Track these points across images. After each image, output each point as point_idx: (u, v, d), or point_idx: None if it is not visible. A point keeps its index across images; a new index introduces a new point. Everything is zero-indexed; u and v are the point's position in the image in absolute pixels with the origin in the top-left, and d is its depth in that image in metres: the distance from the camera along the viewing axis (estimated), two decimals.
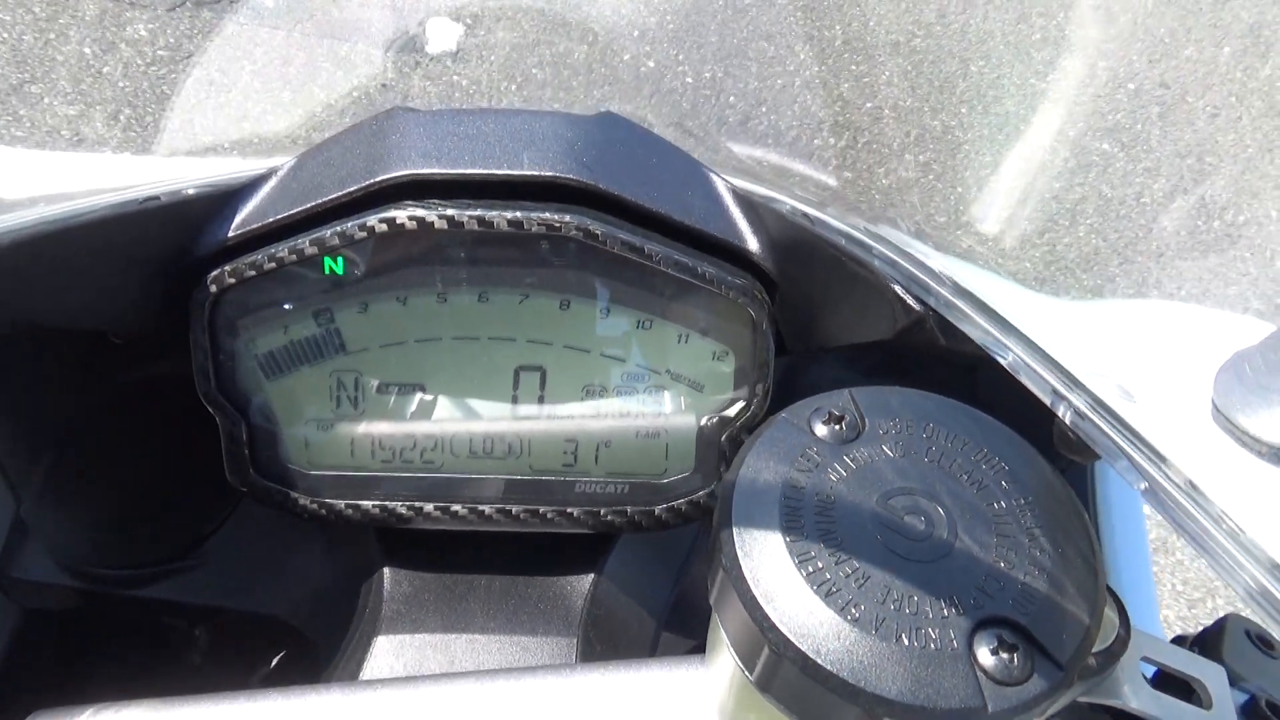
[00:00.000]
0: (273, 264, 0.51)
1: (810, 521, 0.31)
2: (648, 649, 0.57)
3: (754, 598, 0.29)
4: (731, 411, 0.54)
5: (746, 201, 0.53)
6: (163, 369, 0.62)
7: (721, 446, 0.54)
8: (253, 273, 0.51)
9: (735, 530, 0.31)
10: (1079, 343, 0.35)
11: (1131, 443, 0.31)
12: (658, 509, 0.55)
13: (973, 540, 0.30)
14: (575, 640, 0.54)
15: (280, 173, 0.54)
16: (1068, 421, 0.33)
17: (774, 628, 0.29)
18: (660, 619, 0.59)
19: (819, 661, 0.28)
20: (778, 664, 0.29)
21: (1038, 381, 0.34)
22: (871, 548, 0.30)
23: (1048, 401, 0.34)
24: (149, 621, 0.73)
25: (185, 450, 0.62)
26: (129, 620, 0.73)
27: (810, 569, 0.30)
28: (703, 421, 0.54)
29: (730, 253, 0.53)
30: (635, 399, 0.54)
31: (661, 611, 0.59)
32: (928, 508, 0.31)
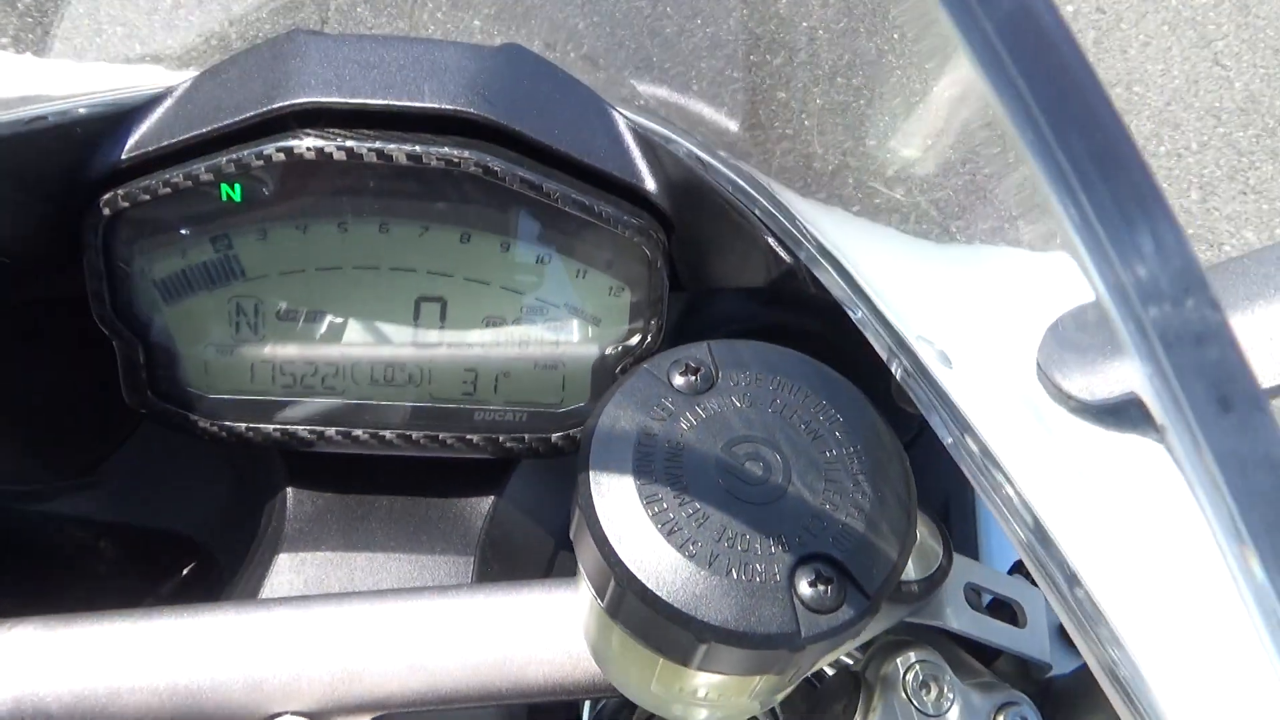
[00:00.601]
0: (168, 189, 0.51)
1: (660, 467, 0.33)
2: (544, 569, 0.60)
3: (604, 535, 0.32)
4: (628, 345, 0.56)
5: (646, 141, 0.54)
6: (58, 289, 0.61)
7: (617, 378, 0.56)
8: (147, 197, 0.51)
9: (592, 473, 0.34)
10: (917, 303, 0.38)
11: (940, 404, 0.34)
12: (554, 436, 0.57)
13: (804, 485, 0.33)
14: (472, 560, 0.56)
15: (176, 94, 0.53)
16: (899, 377, 0.36)
17: (620, 563, 0.32)
18: (558, 540, 0.62)
19: (657, 593, 0.31)
20: (623, 595, 0.32)
21: (878, 339, 0.37)
22: (713, 491, 0.33)
23: (884, 358, 0.37)
24: (51, 536, 0.73)
25: (85, 370, 0.62)
26: (30, 535, 0.74)
27: (656, 509, 0.32)
28: (600, 354, 0.56)
29: (628, 192, 0.54)
30: (534, 331, 0.56)
31: (558, 532, 0.62)
32: (767, 455, 0.34)
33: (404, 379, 0.56)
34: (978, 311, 0.39)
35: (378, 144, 0.50)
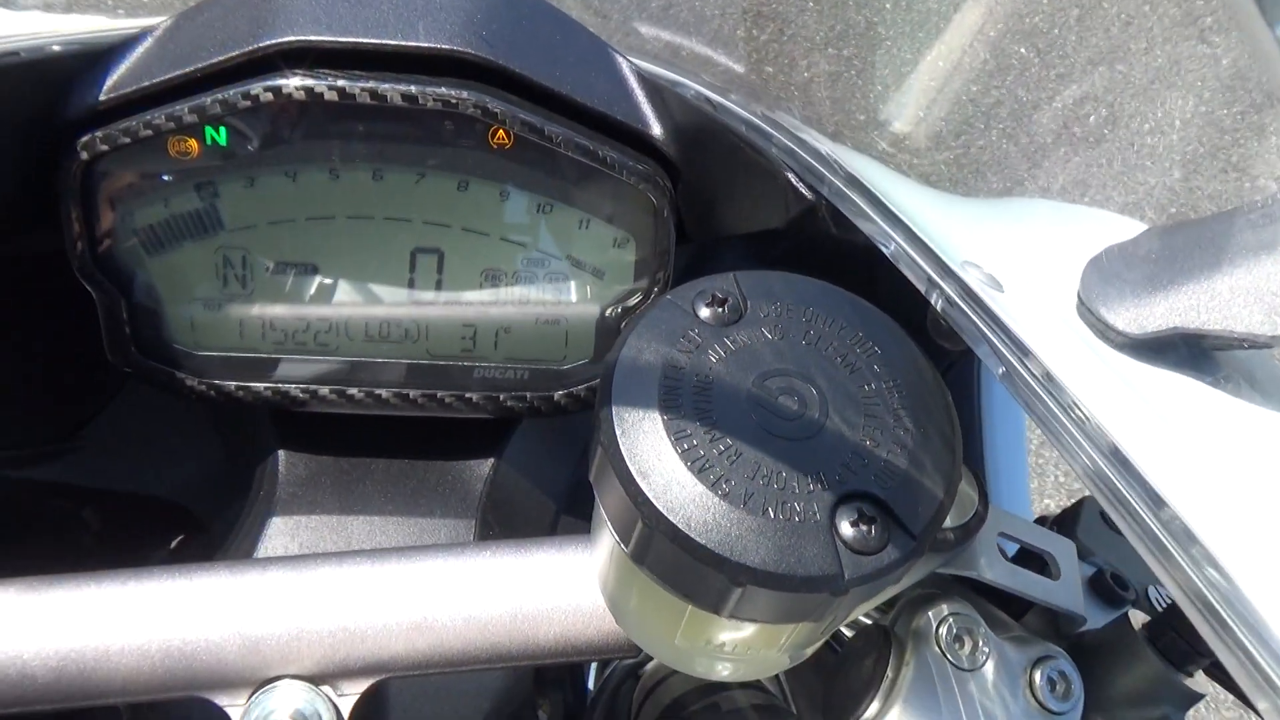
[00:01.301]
0: (149, 131, 0.48)
1: (688, 401, 0.31)
2: (546, 531, 0.58)
3: (630, 474, 0.30)
4: (632, 300, 0.54)
5: (651, 85, 0.52)
6: (35, 243, 0.58)
7: (621, 333, 0.54)
8: (127, 140, 0.48)
9: (615, 409, 0.31)
10: (958, 234, 0.36)
11: (993, 330, 0.32)
12: (557, 395, 0.55)
13: (842, 420, 0.31)
14: (473, 522, 0.54)
15: (156, 33, 0.51)
16: (939, 309, 0.34)
17: (648, 502, 0.30)
18: (559, 502, 0.60)
19: (689, 533, 0.29)
20: (651, 537, 0.30)
21: (915, 270, 0.35)
22: (745, 426, 0.31)
23: (922, 289, 0.35)
24: (35, 504, 0.71)
25: (65, 328, 0.60)
26: (10, 503, 0.71)
27: (685, 446, 0.30)
28: (603, 309, 0.54)
29: (633, 137, 0.52)
30: (535, 285, 0.54)
31: (561, 495, 0.60)
32: (801, 388, 0.32)
33: (400, 335, 0.54)
34: (1019, 239, 0.37)
35: (371, 84, 0.47)
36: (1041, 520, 0.47)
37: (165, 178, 0.50)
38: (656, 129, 0.52)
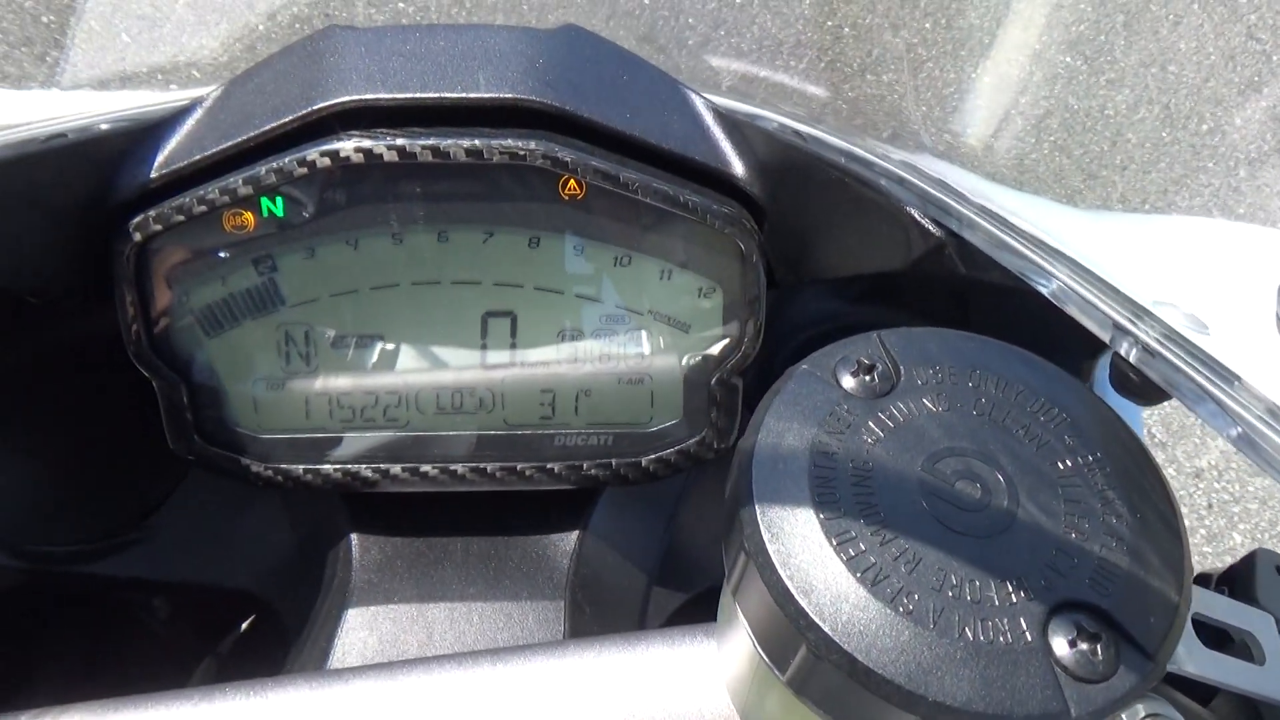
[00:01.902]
0: (203, 207, 0.45)
1: (846, 494, 0.26)
2: (638, 609, 0.54)
3: (786, 589, 0.25)
4: (721, 352, 0.50)
5: (729, 121, 0.48)
6: (92, 328, 0.56)
7: (711, 390, 0.50)
8: (181, 217, 0.45)
9: (758, 507, 0.26)
10: (1133, 265, 0.31)
11: (1216, 383, 0.27)
12: (644, 460, 0.51)
13: (1037, 508, 0.26)
14: (563, 604, 0.50)
15: (206, 103, 0.48)
16: (1132, 359, 0.29)
17: (813, 625, 0.25)
18: (651, 575, 0.56)
19: (868, 665, 0.24)
20: (815, 666, 0.25)
21: (1092, 313, 0.30)
22: (920, 523, 0.26)
23: (1105, 336, 0.30)
24: (101, 598, 0.68)
25: (125, 416, 0.57)
26: (79, 598, 0.69)
27: (851, 552, 0.25)
28: (690, 364, 0.50)
29: (714, 178, 0.48)
30: (615, 342, 0.50)
31: (651, 567, 0.56)
32: (982, 471, 0.27)
33: (474, 405, 0.51)
34: (1193, 266, 0.32)
35: (432, 140, 0.44)
36: (1203, 579, 0.41)
37: (222, 254, 0.47)
38: (739, 167, 0.48)
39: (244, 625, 0.71)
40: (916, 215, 0.40)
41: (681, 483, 0.59)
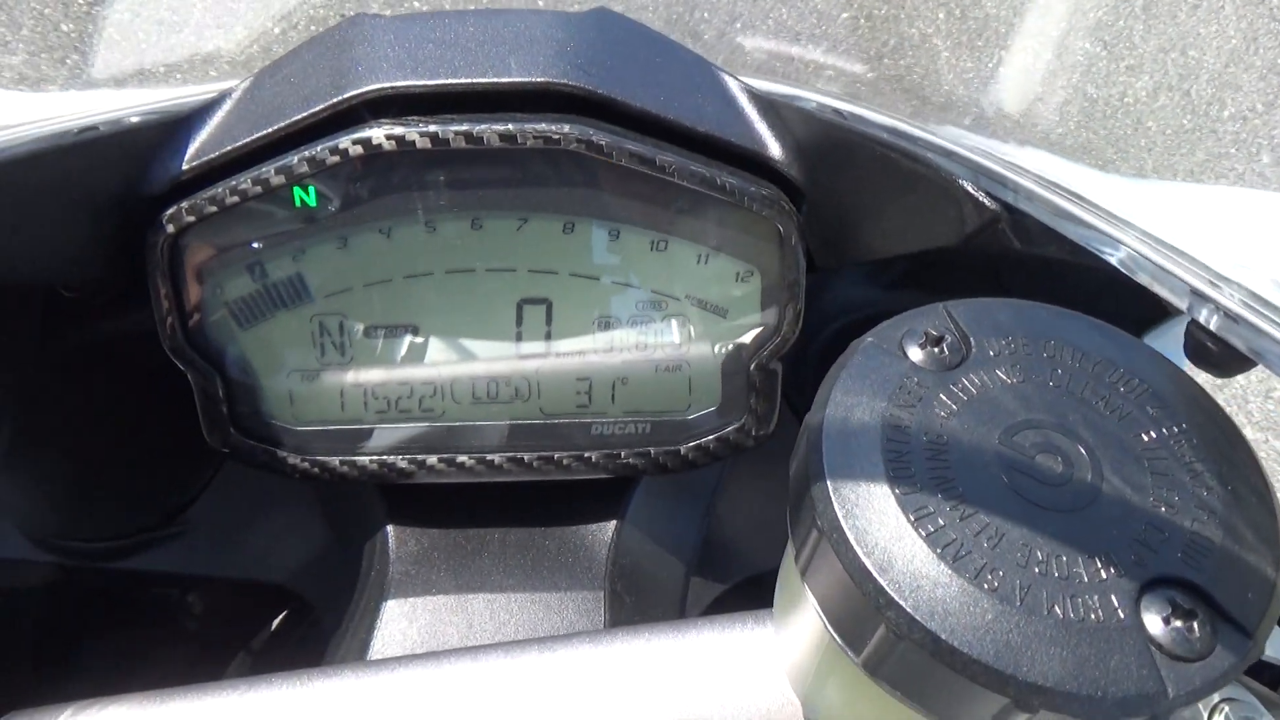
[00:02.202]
0: (235, 198, 0.45)
1: (921, 468, 0.25)
2: (678, 598, 0.53)
3: (864, 566, 0.24)
4: (759, 337, 0.49)
5: (765, 102, 0.48)
6: (125, 322, 0.56)
7: (750, 376, 0.49)
8: (213, 209, 0.45)
9: (830, 483, 0.25)
10: (1202, 230, 0.30)
11: None
12: (683, 448, 0.50)
13: (1123, 481, 0.25)
14: (602, 594, 0.49)
15: (235, 94, 0.48)
16: (1213, 326, 0.28)
17: (892, 603, 0.24)
18: (689, 565, 0.55)
19: (953, 643, 0.23)
20: (894, 646, 0.24)
21: (1166, 280, 0.29)
22: (1001, 497, 0.25)
23: (1182, 304, 0.29)
24: (138, 593, 0.68)
25: (159, 409, 0.57)
26: (116, 593, 0.69)
27: (930, 527, 0.24)
28: (728, 350, 0.49)
29: (751, 160, 0.47)
30: (652, 329, 0.49)
31: (689, 556, 0.55)
32: (1062, 443, 0.26)
33: (509, 394, 0.50)
34: (1246, 230, 0.31)
35: (465, 126, 0.44)
36: None
37: (255, 245, 0.47)
38: (776, 149, 0.47)
39: (277, 620, 0.71)
40: (969, 188, 0.39)
41: (718, 471, 0.58)
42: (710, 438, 0.50)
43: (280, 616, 0.71)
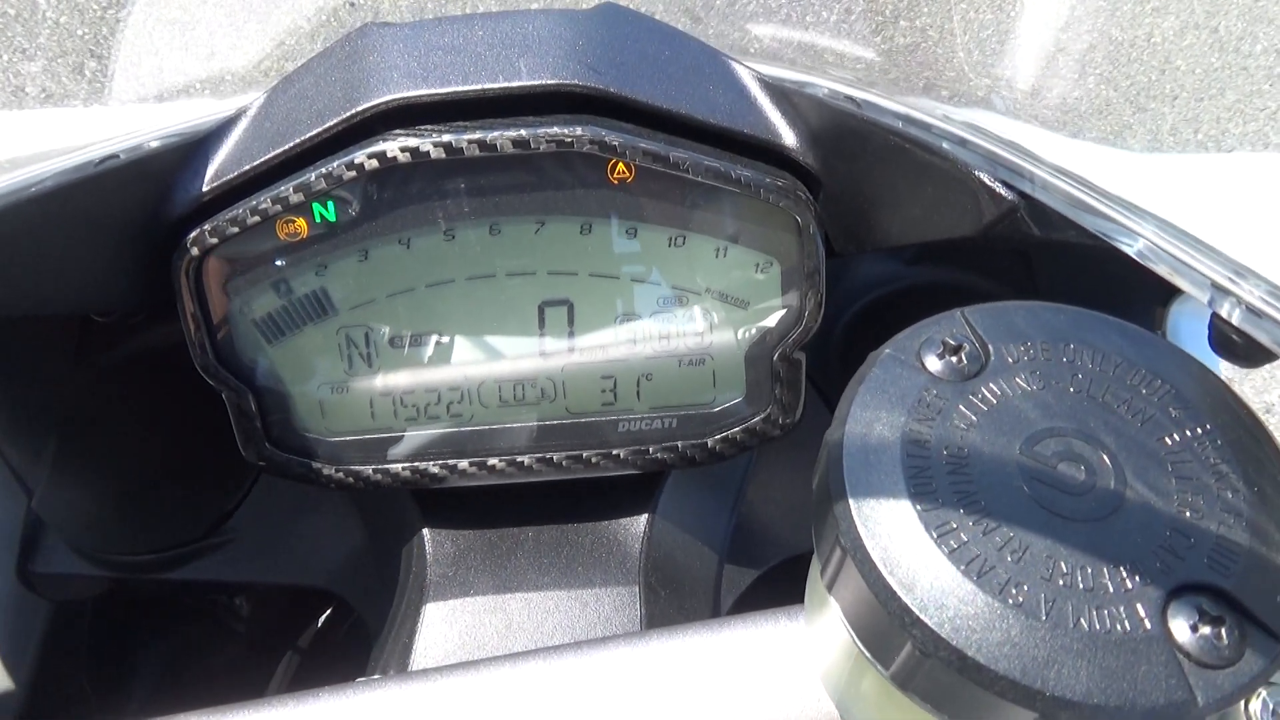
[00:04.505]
0: (256, 217, 0.45)
1: (943, 483, 0.25)
2: (712, 588, 0.54)
3: (888, 585, 0.24)
4: (781, 327, 0.49)
5: (778, 90, 0.47)
6: (158, 340, 0.57)
7: (774, 366, 0.49)
8: (235, 229, 0.46)
9: (852, 501, 0.25)
10: (1219, 214, 0.30)
11: None
12: (710, 441, 0.51)
13: (1147, 487, 0.25)
14: (637, 588, 0.50)
15: (250, 113, 0.48)
16: (1235, 321, 0.28)
17: (918, 622, 0.24)
18: (722, 553, 0.55)
19: (980, 660, 0.23)
20: (923, 662, 0.24)
21: (1186, 272, 0.29)
22: (1023, 509, 0.25)
23: (1203, 298, 0.29)
24: (186, 602, 0.70)
25: (197, 424, 0.58)
26: (166, 603, 0.71)
27: (953, 543, 0.24)
28: (750, 341, 0.50)
29: (765, 150, 0.47)
30: (674, 324, 0.49)
31: (722, 544, 0.56)
32: (1084, 451, 0.26)
33: (535, 395, 0.50)
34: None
35: (478, 134, 0.44)
36: None
37: (278, 262, 0.47)
38: (790, 138, 0.47)
39: (322, 619, 0.73)
40: (985, 179, 0.38)
41: (746, 458, 0.59)
42: (737, 429, 0.51)
43: (325, 615, 0.72)
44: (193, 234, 0.46)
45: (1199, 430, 0.26)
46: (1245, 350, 0.28)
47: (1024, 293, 0.60)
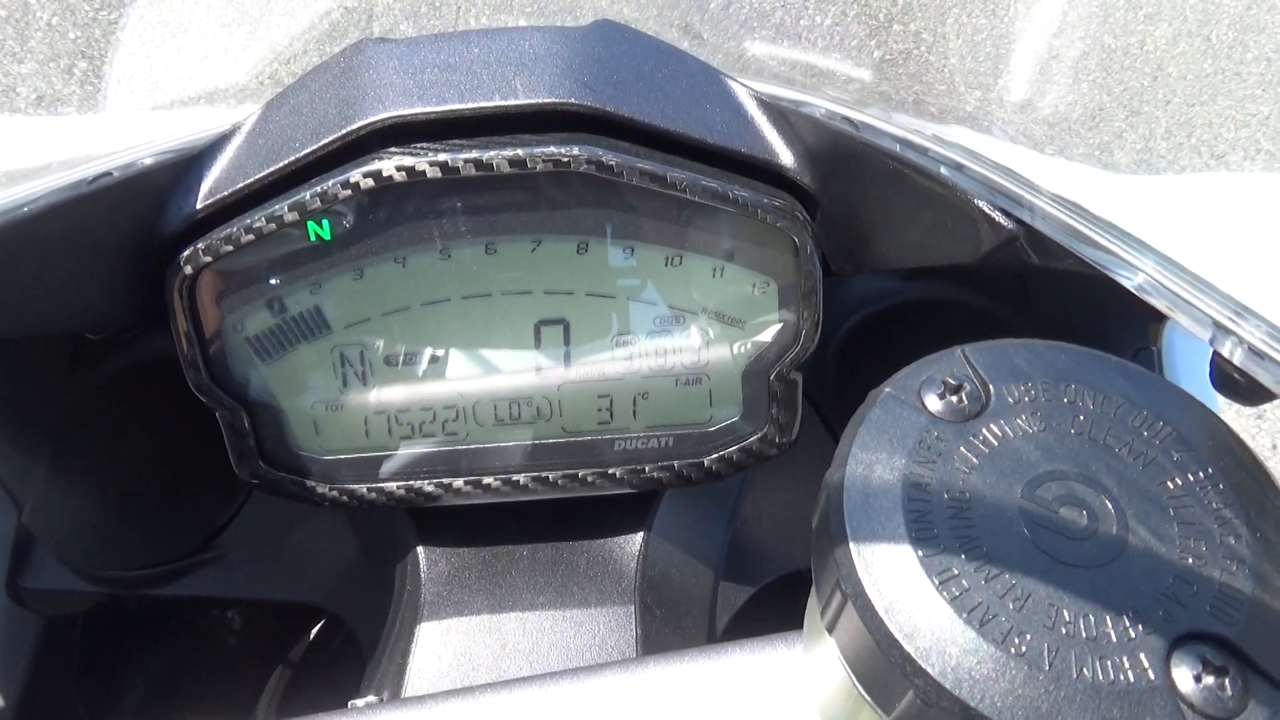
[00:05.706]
0: (250, 236, 0.45)
1: (944, 528, 0.25)
2: (708, 606, 0.54)
3: (890, 633, 0.24)
4: (778, 346, 0.49)
5: (775, 109, 0.47)
6: (151, 356, 0.56)
7: (771, 386, 0.49)
8: (229, 248, 0.45)
9: (854, 546, 0.25)
10: (1219, 246, 0.30)
11: None
12: (707, 460, 0.51)
13: (1149, 532, 0.25)
14: (633, 608, 0.50)
15: (244, 129, 0.48)
16: (1236, 361, 0.27)
17: (920, 671, 0.24)
18: (717, 570, 0.55)
19: (983, 711, 0.23)
20: (925, 711, 0.24)
21: (1187, 310, 0.29)
22: (1025, 555, 0.24)
23: (1204, 336, 0.29)
24: (178, 617, 0.69)
25: (189, 438, 0.58)
26: (156, 614, 0.70)
27: (955, 590, 0.24)
28: (747, 361, 0.49)
29: (762, 170, 0.47)
30: (670, 344, 0.49)
31: (717, 562, 0.56)
32: (1086, 495, 0.26)
33: (531, 414, 0.50)
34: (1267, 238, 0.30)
35: (474, 153, 0.44)
36: None
37: (272, 281, 0.47)
38: (787, 157, 0.47)
39: (314, 631, 0.72)
40: (984, 206, 0.38)
41: (741, 475, 0.59)
42: (734, 448, 0.50)
43: (317, 626, 0.72)
44: (186, 252, 0.45)
45: (1201, 474, 0.26)
46: (1247, 390, 0.28)
47: (1020, 311, 0.60)
